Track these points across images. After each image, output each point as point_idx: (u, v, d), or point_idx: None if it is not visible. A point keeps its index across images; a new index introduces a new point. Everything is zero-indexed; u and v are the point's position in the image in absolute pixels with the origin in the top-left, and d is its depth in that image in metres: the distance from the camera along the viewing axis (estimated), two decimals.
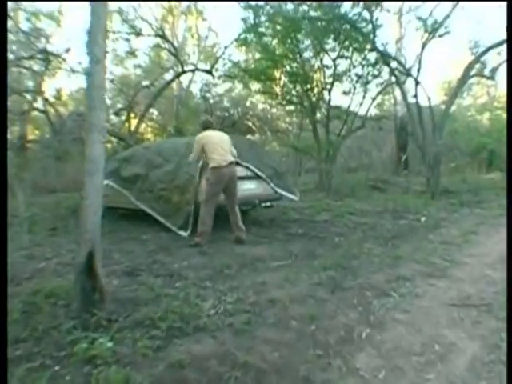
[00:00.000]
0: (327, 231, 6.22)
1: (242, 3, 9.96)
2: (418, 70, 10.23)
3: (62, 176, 14.25)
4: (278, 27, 9.91)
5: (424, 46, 10.21)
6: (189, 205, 5.87)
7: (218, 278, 3.98)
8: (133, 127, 15.44)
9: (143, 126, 21.00)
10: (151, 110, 21.65)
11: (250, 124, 19.58)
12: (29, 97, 16.01)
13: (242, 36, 10.76)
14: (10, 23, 15.06)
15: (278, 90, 11.48)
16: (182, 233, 5.90)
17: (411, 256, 4.73)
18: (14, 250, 4.73)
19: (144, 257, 4.88)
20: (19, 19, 15.38)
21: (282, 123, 20.67)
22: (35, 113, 16.45)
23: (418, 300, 3.44)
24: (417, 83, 10.27)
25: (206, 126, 5.86)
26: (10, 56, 13.91)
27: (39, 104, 17.21)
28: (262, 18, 10.08)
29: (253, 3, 9.83)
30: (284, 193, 6.84)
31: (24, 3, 14.78)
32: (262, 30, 10.19)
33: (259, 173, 6.55)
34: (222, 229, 6.34)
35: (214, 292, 3.57)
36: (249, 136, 18.64)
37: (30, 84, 17.25)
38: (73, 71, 15.80)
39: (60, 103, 19.12)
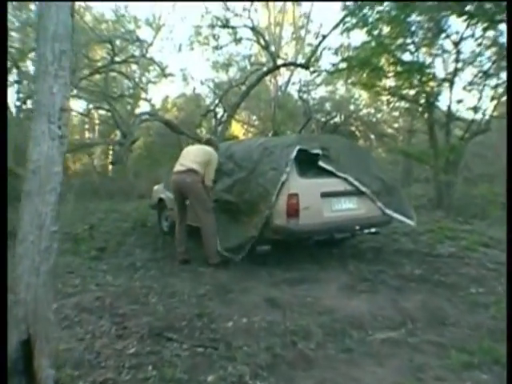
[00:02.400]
0: (456, 273, 4.28)
1: None
2: None
3: (153, 181, 13.88)
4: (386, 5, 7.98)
5: None
6: (254, 228, 4.41)
7: (283, 366, 2.45)
8: (231, 130, 14.55)
9: (242, 131, 20.19)
10: (251, 116, 20.82)
11: (353, 129, 17.66)
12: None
13: (346, 19, 8.97)
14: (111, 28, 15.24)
15: (386, 83, 9.48)
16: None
17: None
18: None
19: (190, 304, 3.52)
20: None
21: (387, 128, 18.37)
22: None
23: None
24: None
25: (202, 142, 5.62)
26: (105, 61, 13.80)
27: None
28: None
29: None
30: (396, 215, 4.91)
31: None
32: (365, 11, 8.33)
33: (362, 187, 4.73)
34: (312, 262, 4.75)
35: None
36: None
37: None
38: (164, 75, 15.53)
39: (164, 110, 19.08)
